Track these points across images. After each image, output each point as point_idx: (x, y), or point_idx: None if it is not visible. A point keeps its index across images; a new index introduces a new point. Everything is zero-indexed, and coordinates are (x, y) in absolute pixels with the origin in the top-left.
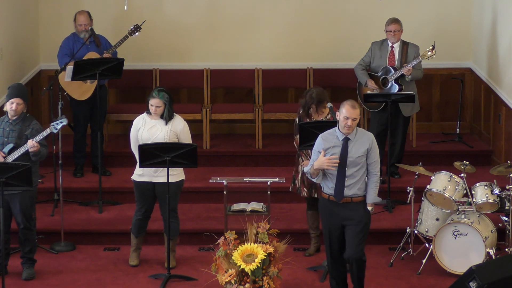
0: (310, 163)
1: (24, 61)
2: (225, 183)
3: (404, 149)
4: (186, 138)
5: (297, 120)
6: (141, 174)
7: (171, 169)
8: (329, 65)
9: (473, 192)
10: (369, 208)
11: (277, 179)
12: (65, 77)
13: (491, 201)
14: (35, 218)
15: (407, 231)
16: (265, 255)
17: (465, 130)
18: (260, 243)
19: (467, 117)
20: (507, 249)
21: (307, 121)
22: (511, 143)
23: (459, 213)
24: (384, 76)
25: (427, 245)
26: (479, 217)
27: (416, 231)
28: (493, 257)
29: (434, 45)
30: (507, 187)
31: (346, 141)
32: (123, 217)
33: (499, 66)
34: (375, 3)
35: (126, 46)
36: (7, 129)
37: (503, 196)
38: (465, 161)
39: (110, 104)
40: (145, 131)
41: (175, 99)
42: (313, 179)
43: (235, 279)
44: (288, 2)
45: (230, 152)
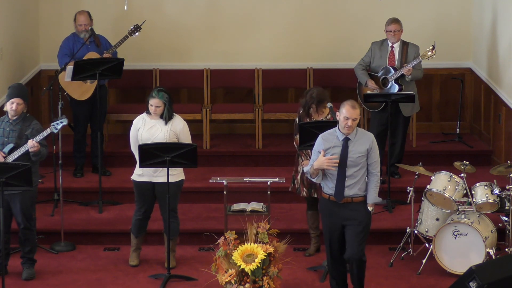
0: (310, 163)
1: (24, 61)
2: (225, 183)
3: (404, 149)
4: (185, 138)
5: (297, 120)
6: (141, 174)
7: (170, 169)
8: (329, 65)
9: (473, 192)
10: (370, 208)
11: (277, 179)
12: (65, 77)
13: (491, 201)
14: (35, 218)
15: (407, 231)
16: (265, 255)
17: (465, 130)
18: (260, 243)
19: (467, 117)
20: (507, 249)
21: (307, 121)
22: (511, 143)
23: (459, 213)
24: (384, 76)
25: (427, 245)
26: (479, 217)
27: (416, 231)
28: (493, 257)
29: (434, 45)
30: (507, 187)
31: (346, 141)
32: (123, 217)
33: (499, 66)
34: (375, 3)
35: (126, 46)
36: (7, 129)
37: (503, 196)
38: (465, 161)
39: (110, 104)
40: (144, 131)
41: (175, 99)
42: (313, 179)
43: (235, 279)
44: (288, 2)
45: (230, 152)
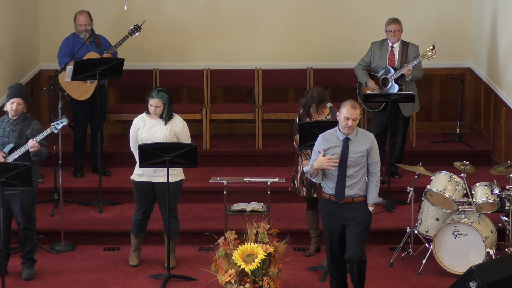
0: (310, 163)
1: (24, 61)
2: (225, 183)
3: (404, 149)
4: (185, 138)
5: (297, 119)
6: (141, 174)
7: (170, 169)
8: (329, 65)
9: (473, 192)
10: (370, 208)
11: (277, 179)
12: (65, 77)
13: (491, 201)
14: (35, 218)
15: (407, 231)
16: (265, 255)
17: (465, 130)
18: (260, 243)
19: (467, 117)
20: (507, 249)
21: (307, 121)
22: (511, 143)
23: (459, 213)
24: (384, 76)
25: (427, 245)
26: (479, 217)
27: (416, 231)
28: (493, 257)
29: (434, 45)
30: (507, 187)
31: (346, 141)
32: (123, 217)
33: (499, 66)
34: (375, 3)
35: (126, 46)
36: (8, 129)
37: (503, 196)
38: (465, 161)
39: (110, 104)
40: (144, 131)
41: (175, 99)
42: (313, 179)
43: (235, 279)
44: (288, 2)
45: (230, 152)
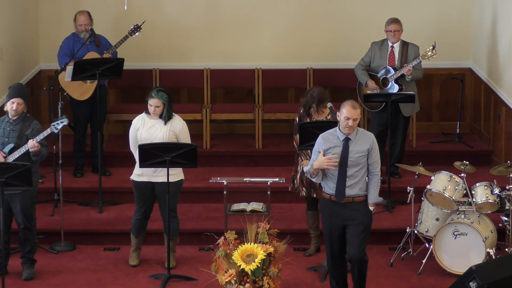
0: (310, 163)
1: (24, 61)
2: (225, 183)
3: (404, 149)
4: (185, 138)
5: (297, 119)
6: (140, 174)
7: (170, 169)
8: (329, 65)
9: (473, 192)
10: (371, 208)
11: (277, 179)
12: (65, 77)
13: (491, 201)
14: (35, 218)
15: (407, 231)
16: (265, 255)
17: (465, 130)
18: (260, 243)
19: (467, 117)
20: (507, 249)
21: (307, 121)
22: (511, 143)
23: (459, 213)
24: (384, 76)
25: (427, 245)
26: (479, 217)
27: (416, 231)
28: (493, 257)
29: (434, 45)
30: (507, 187)
31: (346, 141)
32: (123, 217)
33: (499, 66)
34: (375, 3)
35: (126, 46)
36: (8, 129)
37: (503, 196)
38: (465, 161)
39: (110, 104)
40: (144, 131)
41: (175, 99)
42: (313, 179)
43: (235, 279)
44: (288, 2)
45: (230, 152)
